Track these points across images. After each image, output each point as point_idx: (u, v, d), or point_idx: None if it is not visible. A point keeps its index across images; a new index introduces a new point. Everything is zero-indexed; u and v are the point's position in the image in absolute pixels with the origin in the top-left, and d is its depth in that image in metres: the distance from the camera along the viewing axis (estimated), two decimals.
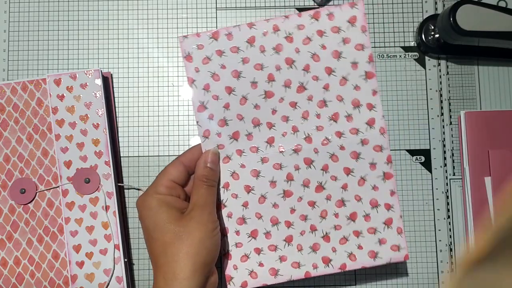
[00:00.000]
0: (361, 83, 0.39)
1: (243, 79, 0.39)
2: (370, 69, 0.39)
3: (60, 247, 0.44)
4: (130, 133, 0.48)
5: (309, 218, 0.40)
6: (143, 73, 0.49)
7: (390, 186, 0.40)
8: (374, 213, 0.40)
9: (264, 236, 0.40)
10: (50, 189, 0.45)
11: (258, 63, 0.39)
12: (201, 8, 0.49)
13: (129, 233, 0.47)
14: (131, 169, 0.48)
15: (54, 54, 0.49)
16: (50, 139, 0.45)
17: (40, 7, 0.49)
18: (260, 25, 0.39)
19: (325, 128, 0.40)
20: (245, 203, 0.40)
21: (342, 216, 0.40)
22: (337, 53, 0.39)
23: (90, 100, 0.44)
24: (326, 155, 0.40)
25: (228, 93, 0.39)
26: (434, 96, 0.49)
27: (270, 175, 0.40)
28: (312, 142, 0.40)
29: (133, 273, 0.47)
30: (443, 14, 0.44)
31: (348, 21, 0.39)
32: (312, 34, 0.39)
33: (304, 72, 0.39)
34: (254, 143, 0.40)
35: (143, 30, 0.49)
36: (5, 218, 0.44)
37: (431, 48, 0.48)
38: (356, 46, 0.39)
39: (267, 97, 0.39)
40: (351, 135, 0.40)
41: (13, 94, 0.45)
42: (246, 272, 0.40)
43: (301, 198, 0.40)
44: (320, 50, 0.39)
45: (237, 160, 0.40)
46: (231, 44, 0.39)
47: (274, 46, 0.39)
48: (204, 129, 0.40)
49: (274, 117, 0.40)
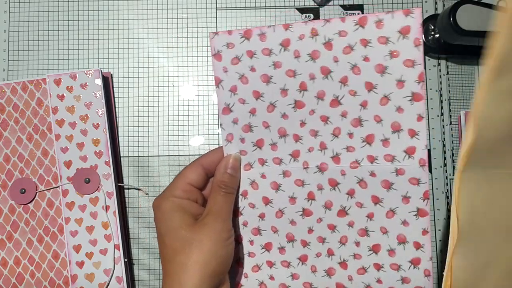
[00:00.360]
0: (405, 105, 0.34)
1: (273, 84, 0.36)
2: (419, 91, 0.34)
3: (60, 247, 0.44)
4: (130, 133, 0.48)
5: (327, 241, 0.37)
6: (143, 73, 0.49)
7: (423, 224, 0.36)
8: (400, 249, 0.36)
9: (278, 251, 0.38)
10: (50, 189, 0.45)
11: (291, 69, 0.35)
12: (201, 8, 0.50)
13: (129, 233, 0.47)
14: (131, 169, 0.48)
15: (54, 54, 0.49)
16: (50, 139, 0.45)
17: (40, 7, 0.49)
18: (297, 28, 0.35)
19: (357, 150, 0.36)
20: (261, 215, 0.38)
21: (363, 246, 0.37)
22: (382, 68, 0.34)
23: (90, 100, 0.45)
24: (354, 179, 0.36)
25: (256, 98, 0.36)
26: (434, 96, 0.49)
27: (290, 191, 0.37)
28: (340, 163, 0.36)
29: (133, 273, 0.47)
30: (443, 14, 0.44)
31: (399, 31, 0.34)
32: (355, 43, 0.34)
33: (340, 84, 0.35)
34: (278, 154, 0.37)
35: (143, 30, 0.49)
36: (5, 218, 0.44)
37: (431, 48, 0.48)
38: (406, 61, 0.34)
39: (297, 107, 0.36)
40: (385, 162, 0.35)
41: (13, 94, 0.45)
42: (256, 283, 0.39)
43: (321, 220, 0.37)
44: (362, 62, 0.34)
45: (258, 169, 0.38)
46: (263, 46, 0.35)
47: (310, 52, 0.35)
48: (228, 133, 0.37)
49: (302, 130, 0.36)
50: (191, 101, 0.49)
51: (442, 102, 0.48)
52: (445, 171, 0.48)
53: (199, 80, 0.49)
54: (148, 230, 0.47)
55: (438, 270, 0.47)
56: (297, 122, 0.36)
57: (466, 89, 0.49)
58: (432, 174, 0.48)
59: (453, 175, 0.48)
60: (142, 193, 0.48)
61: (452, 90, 0.49)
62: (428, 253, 0.36)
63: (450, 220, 0.35)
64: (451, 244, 0.30)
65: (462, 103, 0.49)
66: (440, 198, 0.47)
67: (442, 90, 0.49)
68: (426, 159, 0.35)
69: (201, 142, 0.48)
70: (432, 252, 0.47)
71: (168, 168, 0.48)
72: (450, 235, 0.30)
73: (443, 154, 0.48)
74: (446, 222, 0.47)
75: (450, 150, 0.48)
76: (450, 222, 0.30)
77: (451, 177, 0.48)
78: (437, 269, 0.47)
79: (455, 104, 0.49)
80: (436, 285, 0.46)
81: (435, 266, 0.47)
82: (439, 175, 0.48)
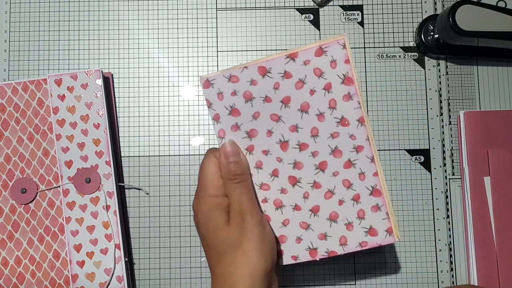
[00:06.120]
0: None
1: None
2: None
3: (61, 247, 0.44)
4: (131, 133, 0.48)
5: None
6: (143, 73, 0.49)
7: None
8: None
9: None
10: (51, 189, 0.45)
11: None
12: (201, 8, 0.50)
13: (129, 232, 0.47)
14: (131, 168, 0.48)
15: (55, 54, 0.49)
16: (51, 139, 0.45)
17: (40, 7, 0.49)
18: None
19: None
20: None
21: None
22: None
23: (91, 100, 0.45)
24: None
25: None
26: (434, 96, 0.49)
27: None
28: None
29: (134, 273, 0.47)
30: (442, 14, 0.44)
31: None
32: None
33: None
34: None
35: (144, 30, 0.49)
36: (6, 218, 0.44)
37: (431, 48, 0.48)
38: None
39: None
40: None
41: (14, 94, 0.45)
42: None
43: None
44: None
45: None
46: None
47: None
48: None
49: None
50: (191, 101, 0.49)
51: (441, 102, 0.49)
52: (444, 171, 0.48)
53: (199, 80, 0.49)
54: (148, 229, 0.47)
55: (438, 270, 0.47)
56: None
57: (465, 89, 0.49)
58: (432, 174, 0.48)
59: (452, 175, 0.48)
60: (142, 192, 0.48)
61: (452, 90, 0.49)
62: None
63: (449, 220, 0.35)
64: None
65: (462, 103, 0.49)
66: (439, 197, 0.47)
67: (442, 90, 0.49)
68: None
69: (201, 142, 0.48)
70: (430, 249, 0.47)
71: (168, 168, 0.48)
72: None
73: (442, 154, 0.48)
74: (445, 222, 0.47)
75: (450, 150, 0.48)
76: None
77: (450, 177, 0.48)
78: (436, 268, 0.47)
79: (455, 104, 0.49)
80: (433, 280, 0.46)
81: (435, 266, 0.47)
82: (438, 175, 0.48)
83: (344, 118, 0.37)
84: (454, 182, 0.48)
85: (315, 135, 0.37)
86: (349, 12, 0.50)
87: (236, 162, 0.36)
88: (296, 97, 0.37)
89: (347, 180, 0.37)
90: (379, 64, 0.49)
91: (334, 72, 0.36)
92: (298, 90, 0.37)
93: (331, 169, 0.37)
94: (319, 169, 0.37)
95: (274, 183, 0.38)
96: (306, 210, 0.38)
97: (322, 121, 0.37)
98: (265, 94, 0.37)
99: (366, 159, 0.37)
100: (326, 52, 0.36)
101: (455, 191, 0.48)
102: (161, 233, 0.47)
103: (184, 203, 0.48)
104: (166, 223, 0.47)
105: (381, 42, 0.49)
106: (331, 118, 0.37)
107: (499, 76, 0.49)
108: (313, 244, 0.38)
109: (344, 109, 0.37)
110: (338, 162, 0.37)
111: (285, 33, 0.49)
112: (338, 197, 0.38)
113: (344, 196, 0.38)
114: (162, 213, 0.47)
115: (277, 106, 0.37)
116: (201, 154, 0.48)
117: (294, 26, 0.49)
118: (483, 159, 0.47)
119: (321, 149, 0.37)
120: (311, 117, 0.37)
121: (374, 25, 0.49)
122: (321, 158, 0.37)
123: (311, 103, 0.37)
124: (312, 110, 0.37)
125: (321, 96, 0.37)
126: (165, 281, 0.47)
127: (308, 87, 0.37)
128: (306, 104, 0.37)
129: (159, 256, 0.47)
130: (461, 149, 0.47)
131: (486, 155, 0.47)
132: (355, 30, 0.49)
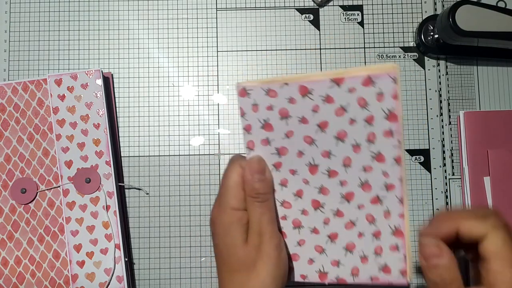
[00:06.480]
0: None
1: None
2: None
3: (61, 247, 0.44)
4: (131, 133, 0.48)
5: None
6: (143, 73, 0.49)
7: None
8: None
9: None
10: (51, 189, 0.45)
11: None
12: (201, 8, 0.50)
13: (129, 232, 0.47)
14: (131, 168, 0.48)
15: (55, 54, 0.49)
16: (51, 139, 0.45)
17: (40, 7, 0.49)
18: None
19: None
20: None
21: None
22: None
23: (91, 100, 0.45)
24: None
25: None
26: (434, 96, 0.49)
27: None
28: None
29: (134, 273, 0.47)
30: (442, 14, 0.44)
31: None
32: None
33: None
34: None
35: (144, 30, 0.49)
36: (6, 218, 0.44)
37: (431, 49, 0.48)
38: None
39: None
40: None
41: (14, 94, 0.45)
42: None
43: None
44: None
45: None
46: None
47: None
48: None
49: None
50: (191, 101, 0.49)
51: (441, 102, 0.49)
52: (444, 171, 0.48)
53: (199, 80, 0.49)
54: (148, 229, 0.47)
55: None
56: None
57: (465, 89, 0.49)
58: (432, 174, 0.48)
59: (452, 175, 0.48)
60: (142, 192, 0.48)
61: (451, 90, 0.49)
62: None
63: None
64: None
65: (461, 103, 0.49)
66: (439, 198, 0.47)
67: (442, 90, 0.49)
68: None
69: (201, 142, 0.48)
70: None
71: (168, 168, 0.48)
72: None
73: (442, 154, 0.48)
74: None
75: (449, 150, 0.48)
76: None
77: (450, 177, 0.48)
78: None
79: (455, 104, 0.49)
80: None
81: None
82: (438, 175, 0.48)
83: (380, 154, 0.34)
84: (454, 182, 0.48)
85: (347, 165, 0.35)
86: (349, 12, 0.50)
87: (261, 181, 0.34)
88: (334, 123, 0.35)
89: (371, 215, 0.36)
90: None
91: (379, 105, 0.33)
92: (337, 117, 0.34)
93: (357, 201, 0.36)
94: (345, 199, 0.36)
95: (296, 203, 0.37)
96: (324, 235, 0.37)
97: (357, 153, 0.35)
98: (302, 115, 0.35)
99: (395, 199, 0.35)
100: (374, 84, 0.33)
101: (455, 191, 0.48)
102: (161, 233, 0.47)
103: (184, 203, 0.48)
104: (166, 223, 0.47)
105: (381, 42, 0.49)
106: (367, 152, 0.35)
107: (499, 76, 0.49)
108: (324, 268, 0.37)
109: (382, 145, 0.34)
110: (365, 195, 0.36)
111: (285, 33, 0.49)
112: (358, 229, 0.36)
113: (365, 230, 0.36)
114: (162, 213, 0.47)
115: (312, 129, 0.35)
116: (201, 154, 0.48)
117: (294, 26, 0.49)
118: (483, 159, 0.47)
119: (351, 180, 0.35)
120: (347, 146, 0.35)
121: (374, 25, 0.49)
122: (349, 189, 0.36)
123: (348, 133, 0.35)
124: (348, 139, 0.35)
125: (360, 127, 0.34)
126: (165, 281, 0.47)
127: (349, 115, 0.34)
128: (343, 132, 0.35)
129: (159, 256, 0.47)
130: (461, 149, 0.47)
131: (486, 155, 0.47)
132: (355, 30, 0.49)
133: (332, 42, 0.49)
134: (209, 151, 0.48)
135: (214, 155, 0.48)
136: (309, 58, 0.49)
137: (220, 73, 0.49)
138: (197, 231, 0.47)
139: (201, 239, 0.47)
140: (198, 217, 0.47)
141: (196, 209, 0.48)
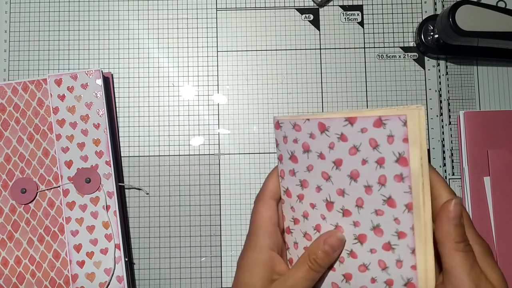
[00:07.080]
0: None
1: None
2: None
3: (61, 247, 0.44)
4: (131, 133, 0.48)
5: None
6: (143, 73, 0.49)
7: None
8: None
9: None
10: (51, 189, 0.45)
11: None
12: (201, 8, 0.50)
13: (129, 232, 0.47)
14: (131, 168, 0.48)
15: (55, 54, 0.49)
16: (51, 139, 0.45)
17: (40, 7, 0.49)
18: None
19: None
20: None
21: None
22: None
23: (91, 100, 0.45)
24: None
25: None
26: (434, 96, 0.49)
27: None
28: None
29: (134, 273, 0.47)
30: (442, 14, 0.44)
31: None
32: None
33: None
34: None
35: (144, 30, 0.49)
36: (6, 218, 0.44)
37: (431, 49, 0.48)
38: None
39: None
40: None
41: (14, 94, 0.45)
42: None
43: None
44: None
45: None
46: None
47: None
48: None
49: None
50: (191, 101, 0.49)
51: (441, 102, 0.49)
52: (444, 171, 0.48)
53: (199, 80, 0.49)
54: (148, 229, 0.47)
55: None
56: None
57: (465, 89, 0.49)
58: None
59: (452, 175, 0.48)
60: (142, 192, 0.48)
61: (451, 90, 0.49)
62: None
63: None
64: None
65: (461, 103, 0.49)
66: None
67: (442, 90, 0.49)
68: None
69: (201, 142, 0.48)
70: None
71: (168, 168, 0.48)
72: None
73: (442, 154, 0.48)
74: None
75: (449, 150, 0.48)
76: None
77: (450, 177, 0.48)
78: None
79: (454, 104, 0.49)
80: None
81: None
82: None
83: (391, 198, 0.33)
84: (454, 182, 0.48)
85: (360, 205, 0.34)
86: (349, 12, 0.50)
87: (326, 253, 0.34)
88: (348, 162, 0.34)
89: (383, 262, 0.34)
90: (379, 64, 0.49)
91: (389, 148, 0.33)
92: (351, 156, 0.34)
93: (369, 244, 0.35)
94: (358, 240, 0.35)
95: (315, 237, 0.36)
96: (340, 274, 0.36)
97: (369, 194, 0.34)
98: (320, 151, 0.35)
99: (407, 248, 0.33)
100: (385, 125, 0.32)
101: (455, 191, 0.48)
102: (161, 233, 0.47)
103: (184, 203, 0.48)
104: (166, 223, 0.47)
105: (381, 42, 0.49)
106: (378, 195, 0.34)
107: (499, 76, 0.49)
108: None
109: (393, 190, 0.33)
110: (377, 240, 0.34)
111: (285, 33, 0.49)
112: (371, 274, 0.35)
113: (378, 276, 0.35)
114: (162, 213, 0.47)
115: (329, 166, 0.35)
116: (201, 154, 0.48)
117: (294, 26, 0.49)
118: (483, 159, 0.47)
119: (363, 221, 0.34)
120: (359, 186, 0.34)
121: (374, 25, 0.49)
122: (362, 231, 0.35)
123: (361, 173, 0.34)
124: (361, 180, 0.34)
125: (372, 168, 0.33)
126: (165, 281, 0.47)
127: (361, 155, 0.34)
128: (356, 172, 0.34)
129: (159, 256, 0.47)
130: (461, 149, 0.47)
131: (486, 155, 0.47)
132: (355, 30, 0.49)
133: (332, 42, 0.49)
134: (209, 151, 0.48)
135: (214, 155, 0.48)
136: (309, 58, 0.49)
137: (220, 73, 0.49)
138: (197, 231, 0.47)
139: (201, 239, 0.47)
140: (198, 217, 0.48)
141: (196, 209, 0.48)
